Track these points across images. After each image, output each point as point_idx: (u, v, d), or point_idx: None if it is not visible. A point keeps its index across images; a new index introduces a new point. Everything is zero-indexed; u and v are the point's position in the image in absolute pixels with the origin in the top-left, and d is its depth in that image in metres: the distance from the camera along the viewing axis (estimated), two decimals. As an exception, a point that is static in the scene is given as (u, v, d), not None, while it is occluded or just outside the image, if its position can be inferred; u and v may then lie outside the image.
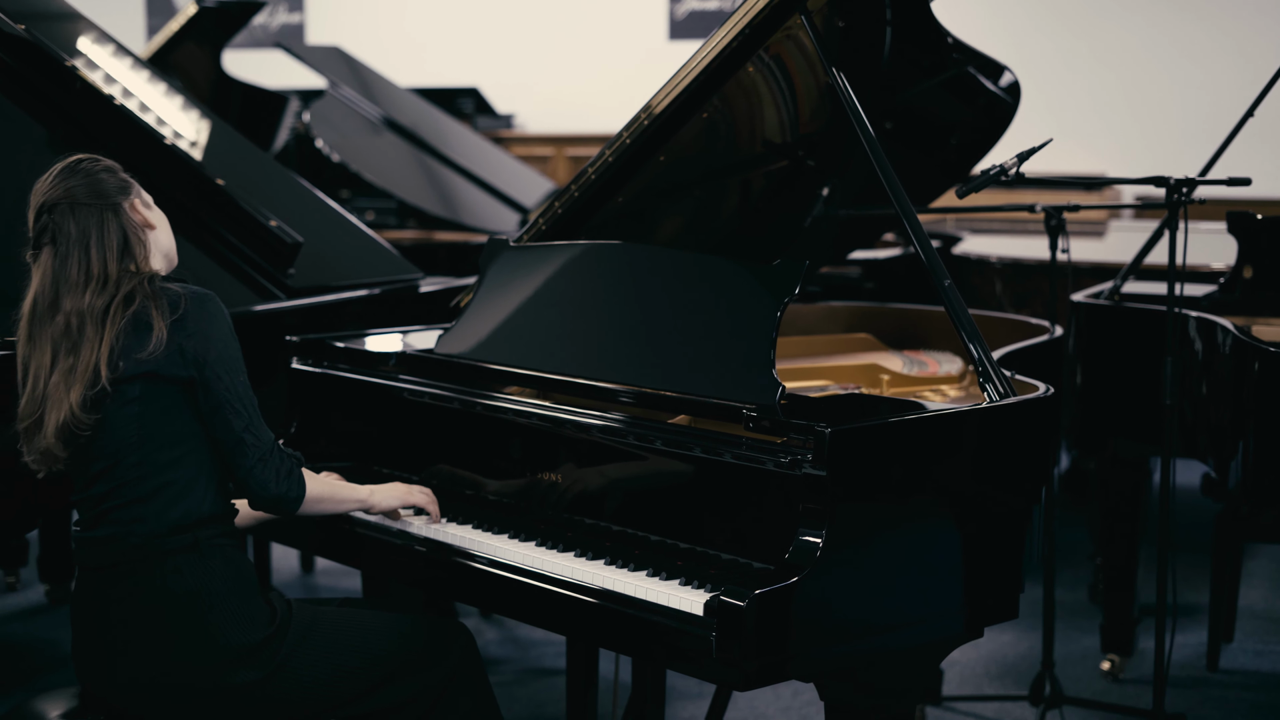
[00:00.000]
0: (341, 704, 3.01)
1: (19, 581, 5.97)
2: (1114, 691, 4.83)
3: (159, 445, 2.91)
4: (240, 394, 2.93)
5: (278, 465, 2.98)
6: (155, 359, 2.86)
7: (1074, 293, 4.67)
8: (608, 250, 3.42)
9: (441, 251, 6.58)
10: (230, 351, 2.94)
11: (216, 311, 2.94)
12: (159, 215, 3.07)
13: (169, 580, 2.89)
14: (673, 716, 4.59)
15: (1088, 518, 5.77)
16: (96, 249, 2.91)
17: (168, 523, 2.90)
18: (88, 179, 2.95)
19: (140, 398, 2.88)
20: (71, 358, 2.87)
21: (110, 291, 2.90)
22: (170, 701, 2.90)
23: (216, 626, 2.89)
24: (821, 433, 2.73)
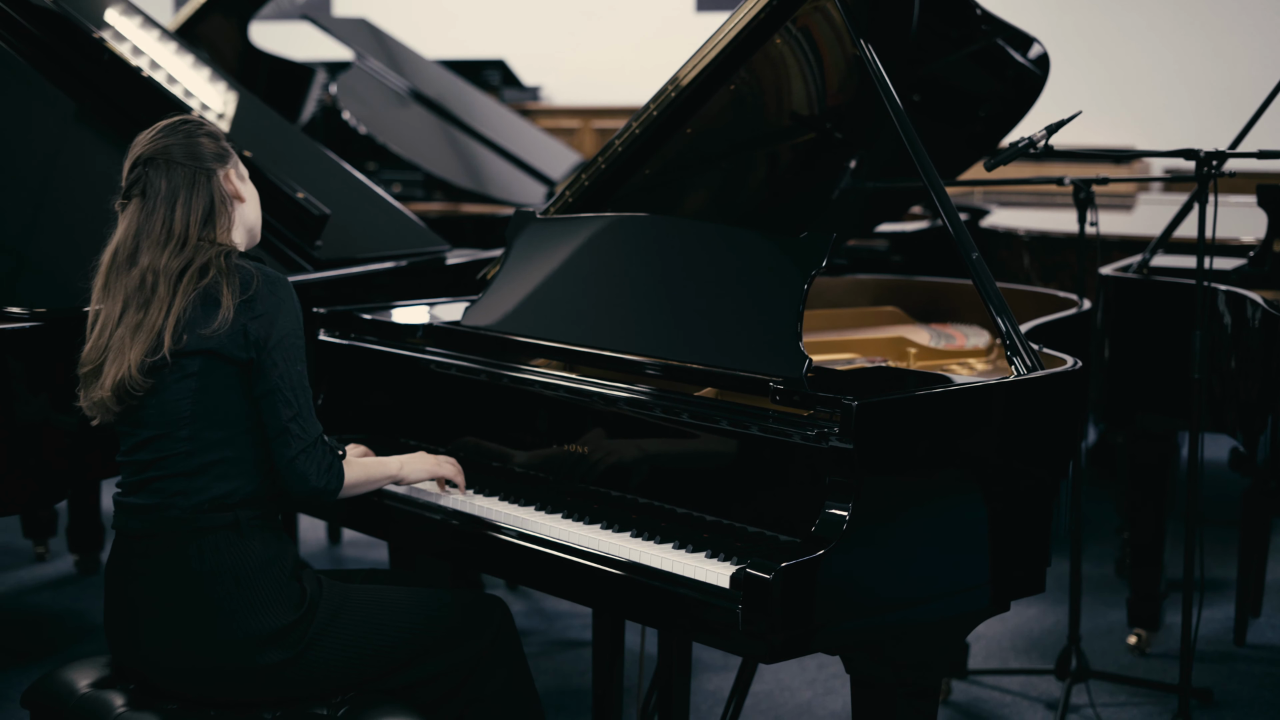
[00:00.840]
0: (372, 680, 3.01)
1: (48, 552, 6.00)
2: (1140, 666, 4.82)
3: (211, 423, 2.91)
4: (294, 383, 2.92)
5: (319, 459, 2.97)
6: (219, 337, 2.87)
7: (1102, 266, 4.65)
8: (634, 223, 3.42)
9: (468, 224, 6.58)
10: (293, 339, 2.94)
11: (287, 297, 2.95)
12: (251, 190, 3.08)
13: (205, 557, 2.90)
14: (699, 688, 4.60)
15: (1115, 492, 5.76)
16: (181, 209, 2.93)
17: (210, 499, 2.91)
18: (187, 140, 2.98)
19: (198, 373, 2.89)
20: (141, 314, 2.89)
21: (187, 256, 2.91)
22: (197, 676, 2.92)
23: (247, 606, 2.89)
24: (848, 406, 2.73)
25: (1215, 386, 4.19)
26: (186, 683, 2.93)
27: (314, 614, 2.96)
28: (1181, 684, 3.99)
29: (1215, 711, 4.43)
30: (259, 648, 2.89)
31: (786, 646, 2.66)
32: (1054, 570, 3.24)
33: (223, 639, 2.89)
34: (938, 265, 5.83)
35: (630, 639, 4.62)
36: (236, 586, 2.90)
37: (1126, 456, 4.81)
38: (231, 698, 2.94)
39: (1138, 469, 4.75)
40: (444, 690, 3.09)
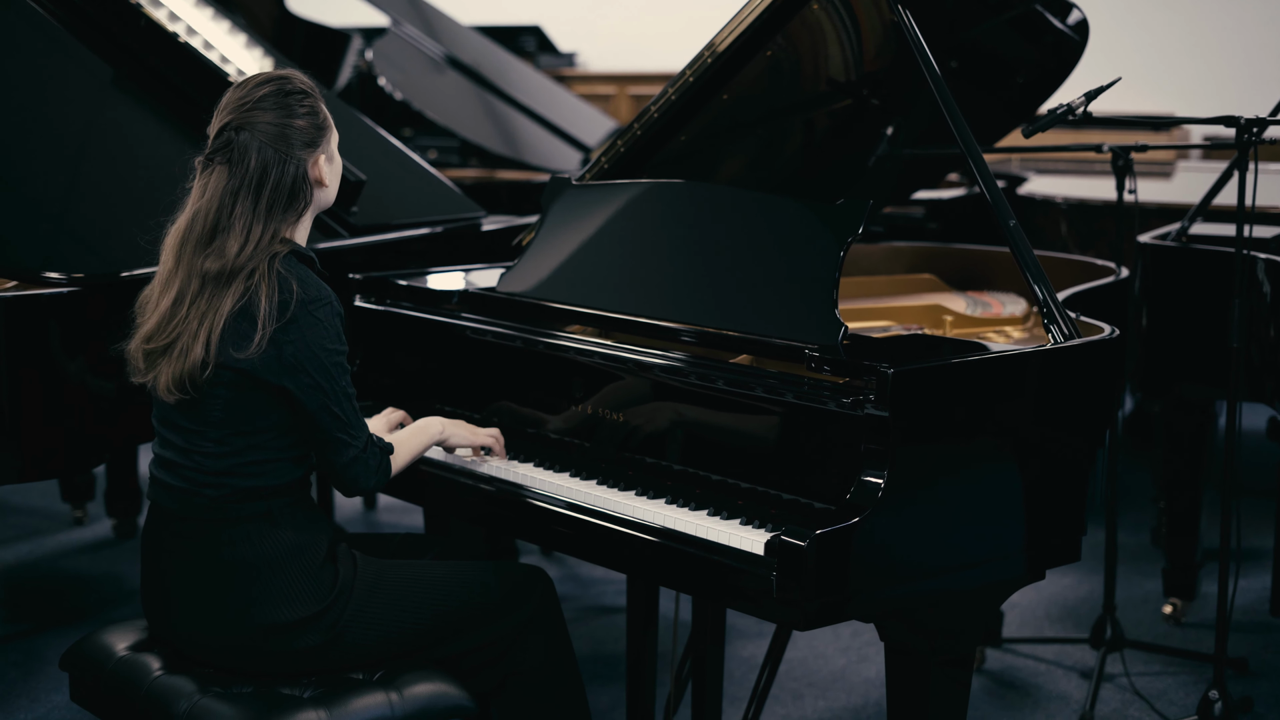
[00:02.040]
0: (411, 655, 3.01)
1: (86, 516, 6.04)
2: (1176, 635, 4.81)
3: (241, 430, 2.88)
4: (339, 396, 2.87)
5: (370, 461, 2.95)
6: (251, 361, 2.80)
7: (1140, 234, 4.62)
8: (670, 189, 3.41)
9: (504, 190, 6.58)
10: (334, 357, 2.85)
11: (327, 317, 2.85)
12: (335, 169, 3.00)
13: (237, 545, 2.89)
14: (733, 655, 4.61)
15: (1151, 461, 5.74)
16: (268, 195, 2.85)
17: (241, 490, 2.90)
18: (284, 120, 2.88)
19: (231, 384, 2.84)
20: (216, 301, 2.82)
21: (260, 255, 2.82)
22: (232, 654, 2.93)
23: (280, 594, 2.89)
24: (884, 373, 2.72)
25: (1254, 355, 4.17)
26: (220, 659, 2.94)
27: (348, 598, 2.95)
28: (1217, 654, 3.98)
29: (1250, 681, 4.42)
30: (292, 633, 2.89)
31: (821, 614, 2.66)
32: (1089, 539, 3.24)
33: (255, 624, 2.89)
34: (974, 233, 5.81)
35: (664, 605, 4.63)
36: (268, 575, 2.89)
37: (1163, 426, 4.78)
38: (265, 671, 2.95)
39: (1175, 438, 4.73)
40: (484, 661, 3.09)
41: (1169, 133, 8.03)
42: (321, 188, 2.98)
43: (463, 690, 2.94)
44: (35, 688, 4.41)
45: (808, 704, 4.35)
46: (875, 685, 4.46)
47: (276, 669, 2.93)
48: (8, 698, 4.33)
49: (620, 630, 4.83)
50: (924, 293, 4.15)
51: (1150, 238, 4.59)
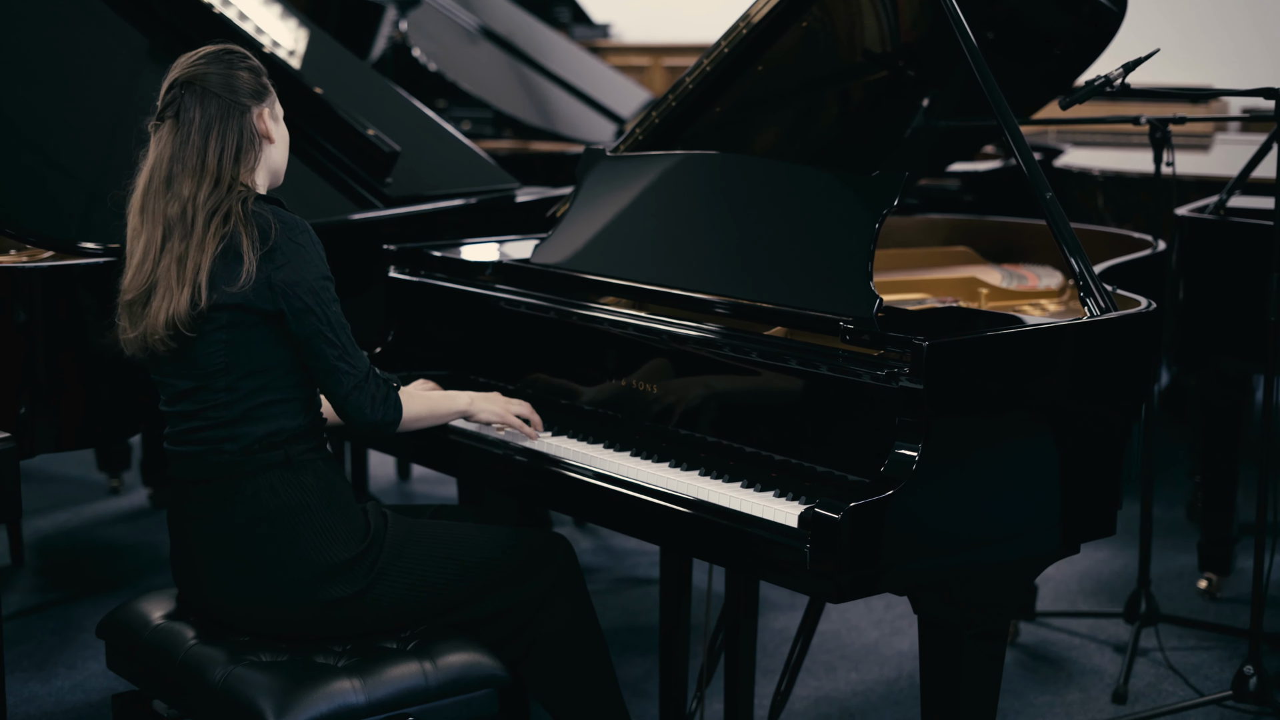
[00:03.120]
0: (438, 616, 3.03)
1: (122, 485, 6.08)
2: (1211, 610, 4.79)
3: (247, 372, 2.90)
4: (333, 323, 2.91)
5: (373, 391, 2.98)
6: (244, 292, 2.84)
7: (1178, 207, 4.59)
8: (705, 161, 3.41)
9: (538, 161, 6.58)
10: (321, 281, 2.91)
11: (307, 243, 2.91)
12: (282, 132, 3.06)
13: (262, 496, 2.91)
14: (766, 627, 4.61)
15: (1187, 435, 5.71)
16: (215, 141, 2.91)
17: (258, 439, 2.92)
18: (227, 71, 2.95)
19: (228, 325, 2.87)
20: (184, 245, 2.87)
21: (220, 195, 2.89)
22: (264, 614, 2.94)
23: (310, 541, 2.91)
24: (919, 346, 2.71)
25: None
26: (253, 622, 2.96)
27: (379, 548, 2.98)
28: (1252, 629, 3.97)
29: (1286, 657, 4.41)
30: (323, 583, 2.91)
31: (854, 586, 2.66)
32: (1124, 513, 3.22)
33: (285, 576, 2.91)
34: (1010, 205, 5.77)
35: (697, 577, 4.64)
36: (296, 523, 2.91)
37: (1200, 400, 4.76)
38: (296, 633, 2.97)
39: (1211, 412, 4.71)
40: (508, 628, 3.11)
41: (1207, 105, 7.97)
42: (269, 143, 3.01)
43: (496, 660, 2.96)
44: (73, 655, 4.44)
45: (840, 676, 4.35)
46: (908, 658, 4.46)
47: (310, 627, 2.95)
48: (46, 664, 4.37)
49: (653, 602, 4.84)
50: (959, 265, 4.13)
51: (1188, 210, 4.56)
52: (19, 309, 3.48)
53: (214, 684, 2.83)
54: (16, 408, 3.48)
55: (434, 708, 2.87)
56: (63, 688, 4.22)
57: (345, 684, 2.80)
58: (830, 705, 4.17)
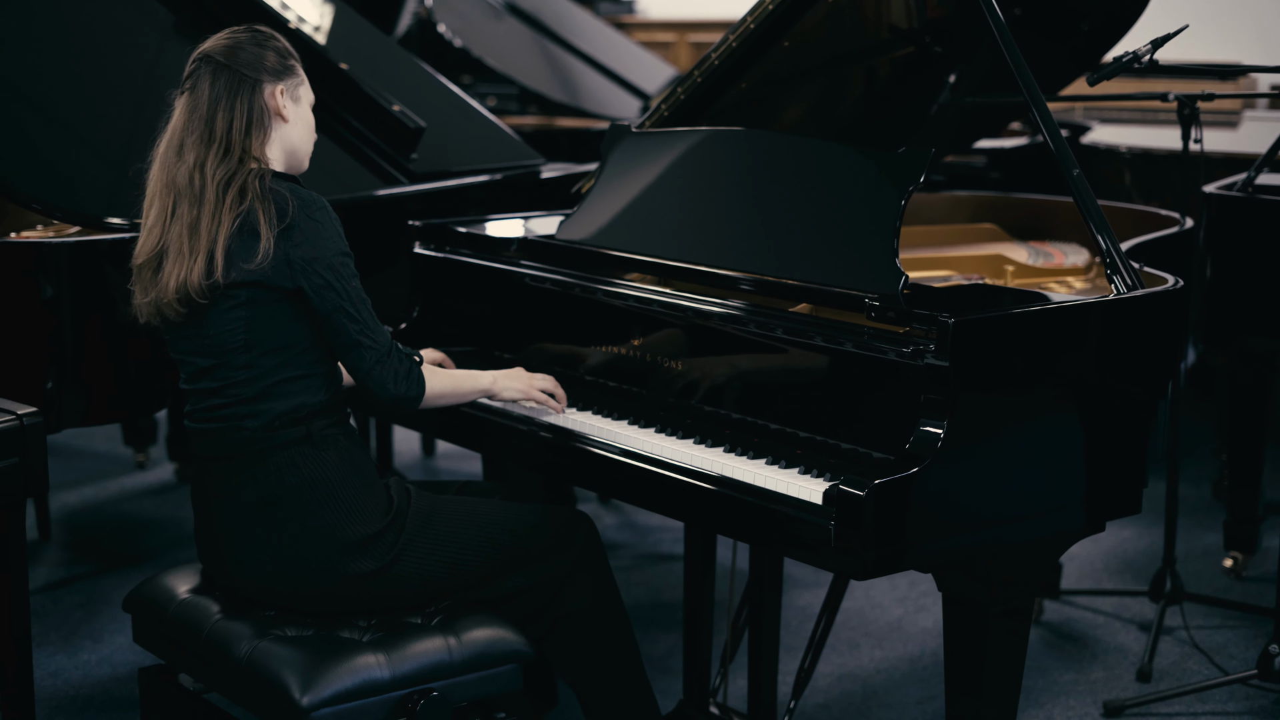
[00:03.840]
0: (461, 592, 3.04)
1: (148, 460, 6.10)
2: (1236, 589, 4.78)
3: (266, 350, 2.91)
4: (353, 298, 2.91)
5: (395, 366, 2.98)
6: (262, 270, 2.85)
7: (1206, 184, 4.57)
8: (731, 137, 3.40)
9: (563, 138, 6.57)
10: (340, 258, 2.91)
11: (325, 219, 2.91)
12: (301, 114, 3.05)
13: (284, 472, 2.92)
14: (789, 604, 4.62)
15: (1213, 413, 5.69)
16: (224, 113, 2.93)
17: (278, 416, 2.92)
18: (248, 48, 2.98)
19: (247, 303, 2.88)
20: (195, 212, 2.89)
21: (230, 166, 2.90)
22: (288, 590, 2.95)
23: (333, 517, 2.92)
24: (945, 323, 2.71)
25: (1320, 307, 4.12)
26: (276, 598, 2.97)
27: (402, 523, 2.99)
28: (1278, 607, 3.96)
29: (1312, 636, 4.39)
30: (345, 558, 2.92)
31: (879, 563, 2.66)
32: (1150, 491, 3.22)
33: (308, 552, 2.92)
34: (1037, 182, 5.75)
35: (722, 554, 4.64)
36: (319, 498, 2.92)
37: (1226, 378, 4.74)
38: (320, 608, 2.98)
39: (1238, 390, 4.69)
40: (531, 605, 3.12)
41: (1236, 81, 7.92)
42: (282, 121, 3.01)
43: (520, 635, 2.96)
44: (99, 629, 4.46)
45: (864, 653, 4.35)
46: (932, 635, 4.46)
47: (330, 603, 2.96)
48: (73, 638, 4.39)
49: (677, 578, 4.85)
50: (985, 242, 4.12)
51: (1216, 188, 4.53)
52: (46, 284, 3.49)
53: (239, 658, 2.84)
54: (43, 382, 3.50)
55: (458, 683, 2.88)
56: (89, 661, 4.24)
57: (370, 659, 2.81)
58: (854, 682, 4.17)
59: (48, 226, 4.04)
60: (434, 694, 2.83)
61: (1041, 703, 4.02)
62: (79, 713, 3.92)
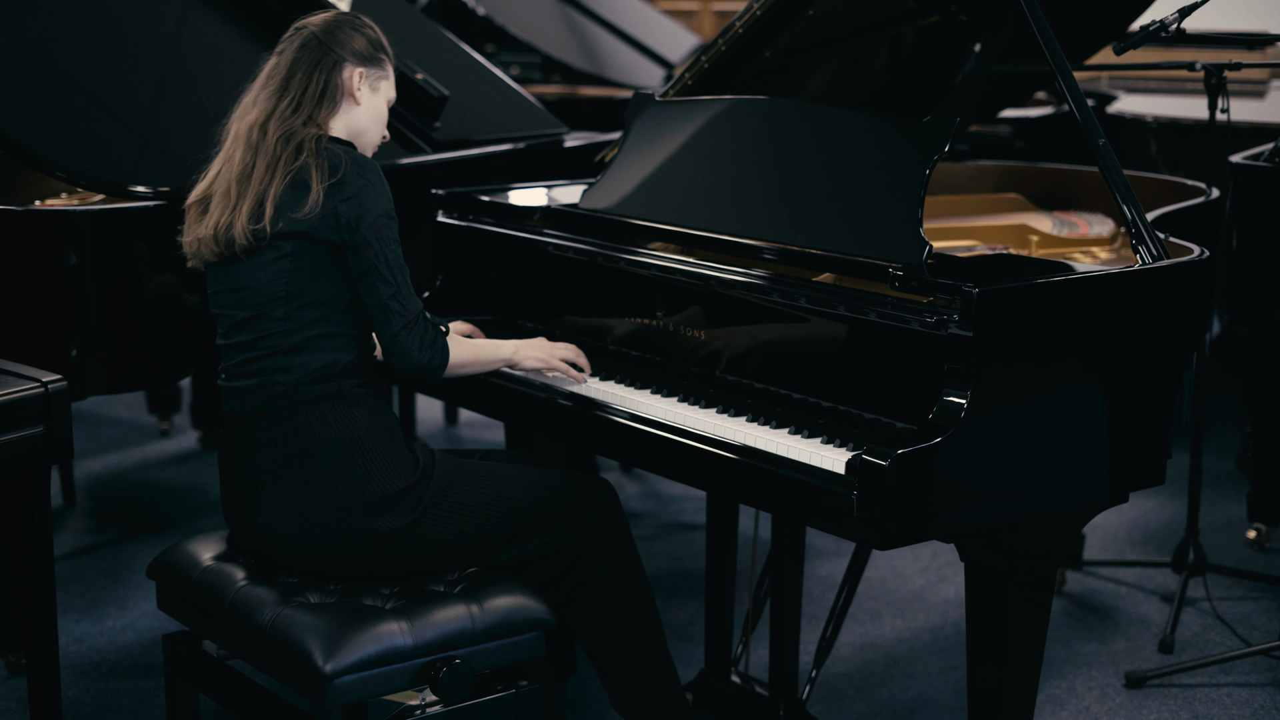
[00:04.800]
0: (484, 553, 3.05)
1: (173, 427, 6.12)
2: (1259, 560, 4.77)
3: (306, 303, 2.94)
4: (391, 262, 2.94)
5: (421, 334, 3.00)
6: (310, 220, 2.89)
7: (1232, 154, 4.54)
8: (755, 106, 3.39)
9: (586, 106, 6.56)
10: (385, 220, 2.95)
11: (376, 180, 2.95)
12: (373, 103, 3.10)
13: (314, 427, 2.94)
14: (811, 573, 4.62)
15: (1238, 384, 5.68)
16: (301, 76, 3.01)
17: (312, 371, 2.95)
18: (341, 28, 3.07)
19: (292, 254, 2.92)
20: (250, 158, 2.96)
21: (293, 123, 2.97)
22: (314, 548, 2.97)
23: (360, 472, 2.94)
24: (969, 293, 2.70)
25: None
26: (303, 555, 2.98)
27: (428, 481, 3.00)
28: (1302, 579, 3.96)
29: (1335, 608, 4.39)
30: (371, 514, 2.94)
31: (901, 533, 2.66)
32: (1174, 463, 3.20)
33: (335, 505, 2.93)
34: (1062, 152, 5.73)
35: (743, 523, 4.65)
36: (347, 453, 2.94)
37: (1251, 349, 4.72)
38: (344, 569, 2.99)
39: (1263, 361, 4.67)
40: (552, 571, 3.13)
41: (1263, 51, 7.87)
42: (353, 102, 3.06)
43: (543, 604, 2.97)
44: (123, 595, 4.48)
45: (886, 623, 4.36)
46: (954, 606, 4.46)
47: (358, 561, 2.97)
48: (97, 604, 4.41)
49: (699, 547, 4.85)
50: (1010, 212, 4.11)
51: (1242, 158, 4.51)
52: (70, 252, 3.50)
53: (263, 625, 2.85)
54: (68, 350, 3.51)
55: (481, 650, 2.89)
56: (114, 628, 4.26)
57: (393, 626, 2.82)
58: (875, 652, 4.17)
59: (71, 195, 4.05)
60: (456, 661, 2.84)
61: (1064, 673, 4.02)
62: (103, 679, 3.94)
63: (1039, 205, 4.26)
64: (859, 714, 3.81)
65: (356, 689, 2.76)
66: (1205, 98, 4.22)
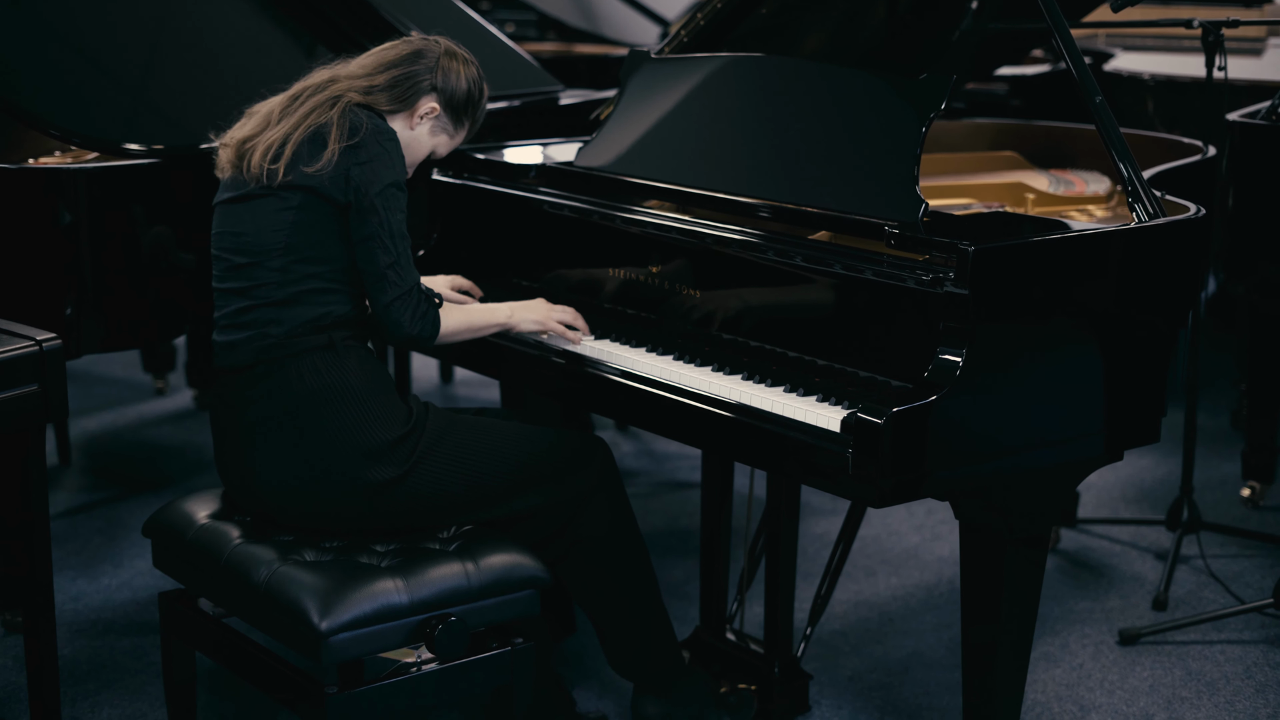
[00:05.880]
0: (477, 507, 3.06)
1: (168, 386, 6.12)
2: (1253, 518, 4.78)
3: (303, 258, 2.95)
4: (393, 231, 2.96)
5: (414, 306, 3.00)
6: (320, 177, 2.92)
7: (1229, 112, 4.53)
8: (751, 63, 3.38)
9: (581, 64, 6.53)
10: (395, 190, 2.97)
11: (394, 150, 2.99)
12: (421, 142, 3.18)
13: (306, 378, 2.95)
14: (806, 531, 4.63)
15: (1233, 343, 5.68)
16: (387, 72, 3.08)
17: (303, 323, 2.96)
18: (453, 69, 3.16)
19: (298, 207, 2.94)
20: (297, 109, 3.01)
21: (338, 87, 3.03)
22: (308, 501, 2.97)
23: (353, 421, 2.94)
24: (964, 251, 2.69)
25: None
26: (297, 508, 2.98)
27: (421, 432, 3.01)
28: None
29: (1329, 565, 4.40)
30: (365, 464, 2.94)
31: (896, 491, 2.66)
32: (1168, 421, 3.21)
33: (331, 457, 2.94)
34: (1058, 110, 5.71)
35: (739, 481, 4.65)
36: (340, 403, 2.95)
37: (1247, 307, 4.72)
38: (339, 524, 3.00)
39: (1258, 320, 4.68)
40: (547, 528, 3.13)
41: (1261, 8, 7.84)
42: (408, 127, 3.13)
43: (538, 562, 2.97)
44: (119, 553, 4.49)
45: (880, 581, 4.37)
46: (949, 563, 4.47)
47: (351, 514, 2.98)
48: (93, 562, 4.42)
49: (694, 505, 4.86)
50: (1006, 170, 4.10)
51: (1239, 116, 4.50)
52: (64, 210, 3.49)
53: (259, 583, 2.85)
54: (63, 309, 3.50)
55: (476, 608, 2.89)
56: (110, 586, 4.27)
57: (388, 584, 2.82)
58: (870, 609, 4.19)
59: (66, 153, 4.03)
60: (452, 619, 2.84)
61: (1057, 630, 4.03)
62: (100, 636, 3.95)
63: (1035, 163, 4.25)
64: (853, 671, 3.82)
65: (352, 646, 2.77)
66: (1203, 55, 4.21)
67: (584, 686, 3.68)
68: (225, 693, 3.64)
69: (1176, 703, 3.67)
